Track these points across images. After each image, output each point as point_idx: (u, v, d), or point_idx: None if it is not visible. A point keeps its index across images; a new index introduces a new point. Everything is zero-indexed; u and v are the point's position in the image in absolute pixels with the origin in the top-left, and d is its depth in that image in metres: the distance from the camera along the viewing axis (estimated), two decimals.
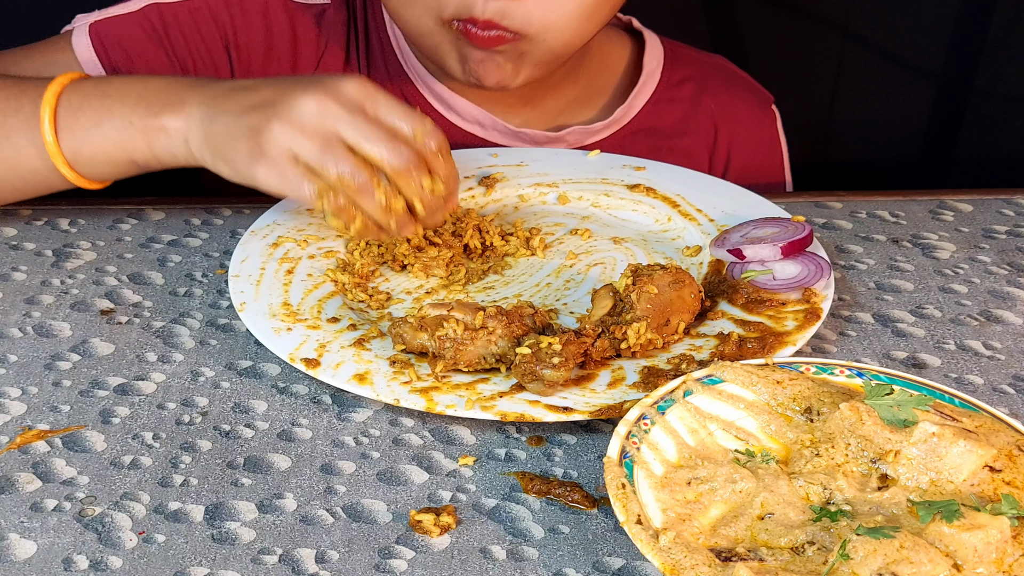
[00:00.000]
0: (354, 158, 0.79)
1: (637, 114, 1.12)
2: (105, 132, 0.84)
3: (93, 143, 0.84)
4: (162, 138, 0.83)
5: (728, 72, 1.19)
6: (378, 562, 0.63)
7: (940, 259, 0.95)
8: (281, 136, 0.78)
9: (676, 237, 0.96)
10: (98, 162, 0.85)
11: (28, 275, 0.89)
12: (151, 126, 0.83)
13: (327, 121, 0.78)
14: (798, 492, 0.63)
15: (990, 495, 0.62)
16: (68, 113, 0.84)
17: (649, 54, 1.13)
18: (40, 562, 0.62)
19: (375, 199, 0.80)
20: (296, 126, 0.78)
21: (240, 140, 0.80)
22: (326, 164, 0.78)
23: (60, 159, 0.85)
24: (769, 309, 0.82)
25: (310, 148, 0.78)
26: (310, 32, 1.06)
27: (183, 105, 0.83)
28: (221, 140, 0.81)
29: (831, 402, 0.69)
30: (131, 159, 0.85)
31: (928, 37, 1.62)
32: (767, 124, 1.18)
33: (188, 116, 0.82)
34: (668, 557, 0.58)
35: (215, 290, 0.88)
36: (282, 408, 0.75)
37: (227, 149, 0.81)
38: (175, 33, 1.02)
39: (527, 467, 0.70)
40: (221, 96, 0.82)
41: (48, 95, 0.84)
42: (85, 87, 0.85)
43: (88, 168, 0.86)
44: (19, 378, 0.77)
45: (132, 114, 0.83)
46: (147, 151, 0.84)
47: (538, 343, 0.73)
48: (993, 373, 0.80)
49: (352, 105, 0.79)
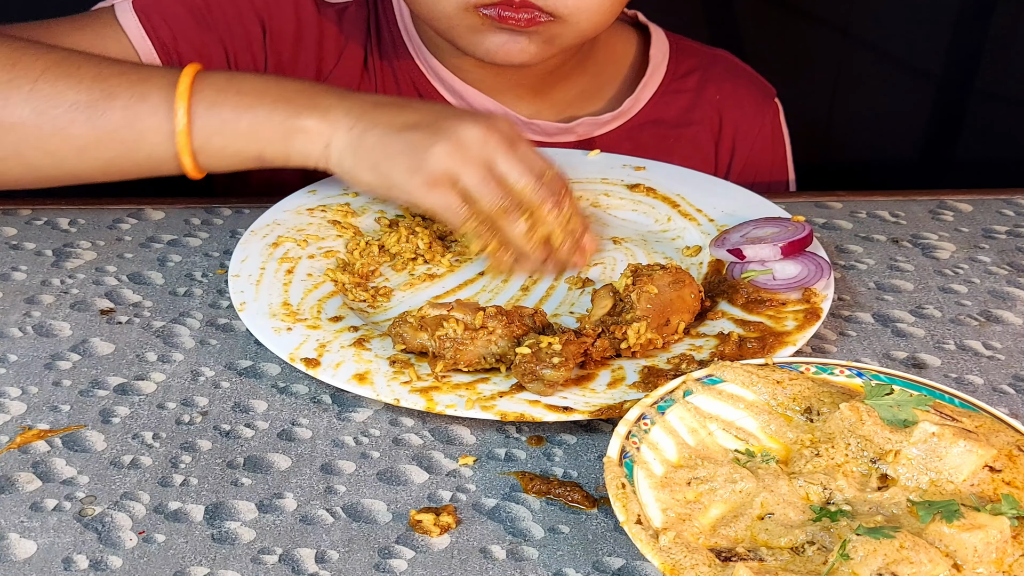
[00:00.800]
0: (504, 189, 0.84)
1: (645, 105, 1.13)
2: (242, 127, 0.86)
3: (226, 136, 0.86)
4: (300, 138, 0.86)
5: (731, 64, 1.20)
6: (378, 562, 0.63)
7: (940, 259, 0.95)
8: (445, 158, 0.83)
9: (676, 237, 0.96)
10: (225, 154, 0.87)
11: (28, 275, 0.89)
12: (291, 126, 0.85)
13: (487, 151, 0.83)
14: (798, 492, 0.63)
15: (990, 495, 0.62)
16: (204, 106, 0.85)
17: (655, 47, 1.15)
18: (40, 562, 0.62)
19: (519, 227, 0.85)
20: (460, 150, 0.83)
21: (400, 156, 0.83)
22: (485, 193, 0.83)
23: (187, 149, 0.86)
24: (769, 309, 0.82)
25: (472, 175, 0.83)
26: (333, 29, 1.08)
27: (328, 111, 0.86)
28: (375, 152, 0.84)
29: (831, 402, 0.69)
30: (260, 155, 0.87)
31: (928, 37, 1.62)
32: (770, 116, 1.19)
33: (333, 122, 0.85)
34: (668, 557, 0.58)
35: (215, 290, 0.88)
36: (282, 408, 0.75)
37: (383, 161, 0.84)
38: (217, 15, 1.03)
39: (527, 467, 0.70)
40: (370, 109, 0.86)
41: (182, 85, 0.85)
42: (217, 81, 0.87)
43: (210, 160, 0.87)
44: (19, 378, 0.77)
45: (272, 111, 0.86)
46: (281, 149, 0.86)
47: (538, 343, 0.73)
48: (993, 373, 0.80)
49: (507, 141, 0.85)
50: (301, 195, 0.97)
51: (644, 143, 1.11)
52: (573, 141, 1.11)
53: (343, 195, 0.97)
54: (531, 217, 0.85)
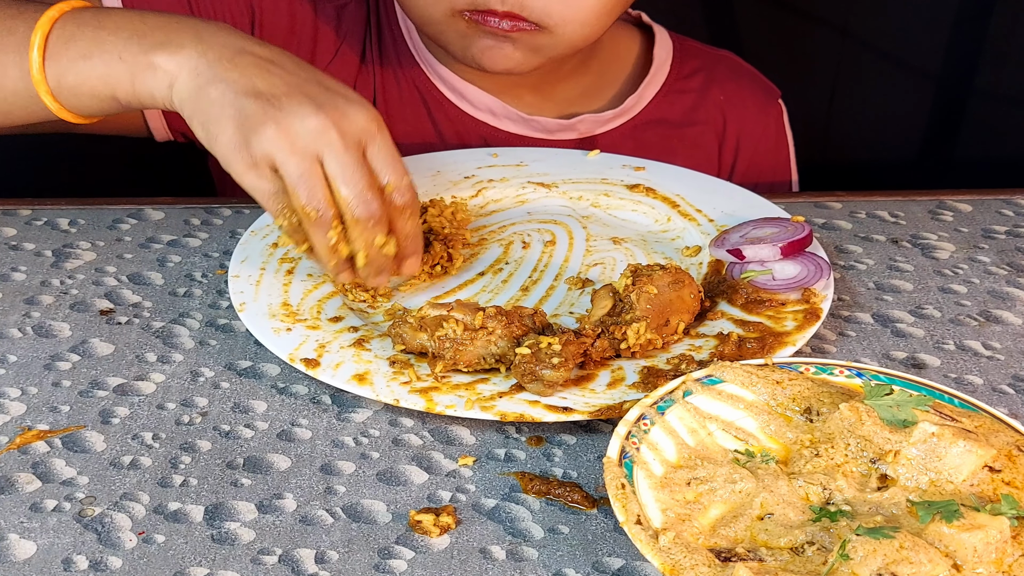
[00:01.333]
0: (325, 192, 0.77)
1: (648, 104, 1.13)
2: (92, 64, 0.81)
3: (78, 74, 0.82)
4: (147, 76, 0.79)
5: (735, 65, 1.20)
6: (378, 562, 0.63)
7: (940, 259, 0.95)
8: (270, 143, 0.75)
9: (676, 237, 0.96)
10: (81, 94, 0.83)
11: (28, 275, 0.89)
12: (140, 62, 0.80)
13: (319, 145, 0.76)
14: (798, 492, 0.63)
15: (990, 495, 0.63)
16: (60, 42, 0.82)
17: (659, 46, 1.15)
18: (40, 562, 0.62)
19: (325, 237, 0.78)
20: (288, 139, 0.75)
21: (228, 121, 0.76)
22: (299, 187, 0.76)
23: (44, 87, 0.82)
24: (769, 309, 0.82)
25: (291, 168, 0.76)
26: (330, 25, 1.07)
27: (180, 48, 0.79)
28: (209, 110, 0.77)
29: (831, 402, 0.69)
30: (113, 95, 0.82)
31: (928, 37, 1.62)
32: (773, 116, 1.19)
33: (182, 62, 0.78)
34: (668, 557, 0.58)
35: (215, 290, 0.88)
36: (282, 408, 0.75)
37: (211, 122, 0.77)
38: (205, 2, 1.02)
39: (527, 467, 0.70)
40: (226, 56, 0.79)
41: (43, 20, 0.82)
42: (83, 16, 0.83)
43: (71, 100, 0.83)
44: (19, 378, 0.77)
45: (124, 48, 0.80)
46: (129, 88, 0.81)
47: (538, 343, 0.73)
48: (992, 373, 0.80)
49: (351, 139, 0.77)
50: None
51: (647, 142, 1.11)
52: (575, 139, 1.11)
53: None
54: (342, 229, 0.78)
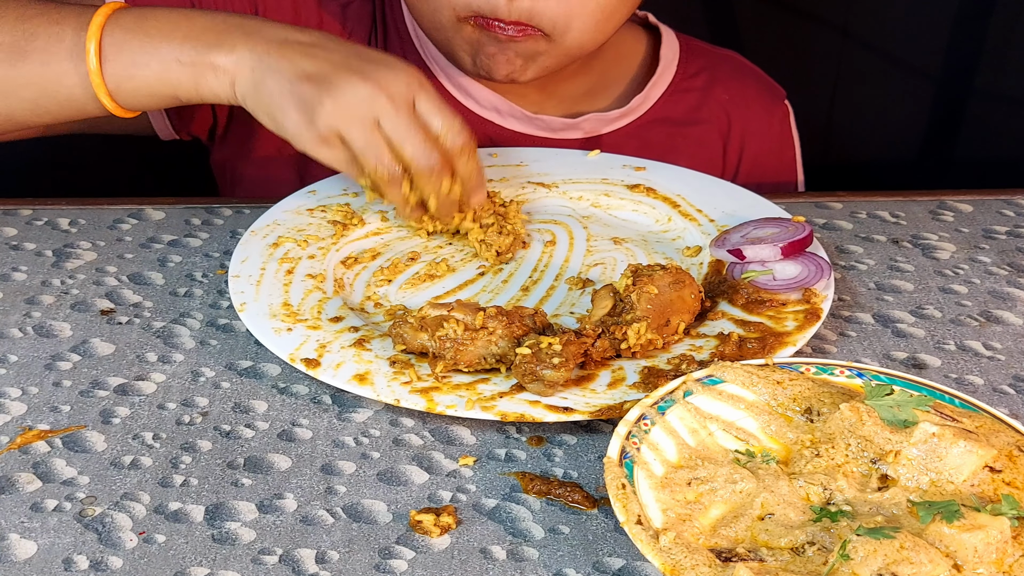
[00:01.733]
0: (389, 153, 0.84)
1: (654, 104, 1.13)
2: (152, 69, 0.85)
3: (137, 78, 0.86)
4: (209, 77, 0.85)
5: (739, 64, 1.21)
6: (378, 562, 0.63)
7: (940, 259, 0.95)
8: (331, 117, 0.82)
9: (676, 237, 0.96)
10: (141, 95, 0.87)
11: (28, 275, 0.89)
12: (199, 65, 0.85)
13: (374, 111, 0.83)
14: (798, 492, 0.63)
15: (990, 495, 0.63)
16: (113, 49, 0.85)
17: (666, 47, 1.15)
18: (40, 562, 0.62)
19: (400, 191, 0.86)
20: (346, 111, 0.82)
21: (290, 108, 0.83)
22: (367, 154, 0.83)
23: (103, 90, 0.86)
24: (769, 309, 0.82)
25: (356, 135, 0.83)
26: (334, 22, 1.08)
27: (233, 48, 0.85)
28: (271, 100, 0.84)
29: (831, 402, 0.69)
30: (174, 95, 0.87)
31: (928, 37, 1.62)
32: (778, 117, 1.19)
33: (238, 60, 0.84)
34: (668, 557, 0.58)
35: (215, 290, 0.88)
36: (282, 408, 0.75)
37: (276, 111, 0.84)
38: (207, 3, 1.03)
39: (527, 467, 0.70)
40: (274, 49, 0.84)
41: (92, 27, 0.85)
42: (126, 21, 0.86)
43: (129, 100, 0.88)
44: (19, 378, 0.77)
45: (180, 52, 0.85)
46: (192, 88, 0.86)
47: (538, 343, 0.73)
48: (993, 373, 0.80)
49: (400, 100, 0.83)
50: (301, 195, 0.97)
51: (651, 141, 1.11)
52: (579, 138, 1.11)
53: (343, 195, 0.98)
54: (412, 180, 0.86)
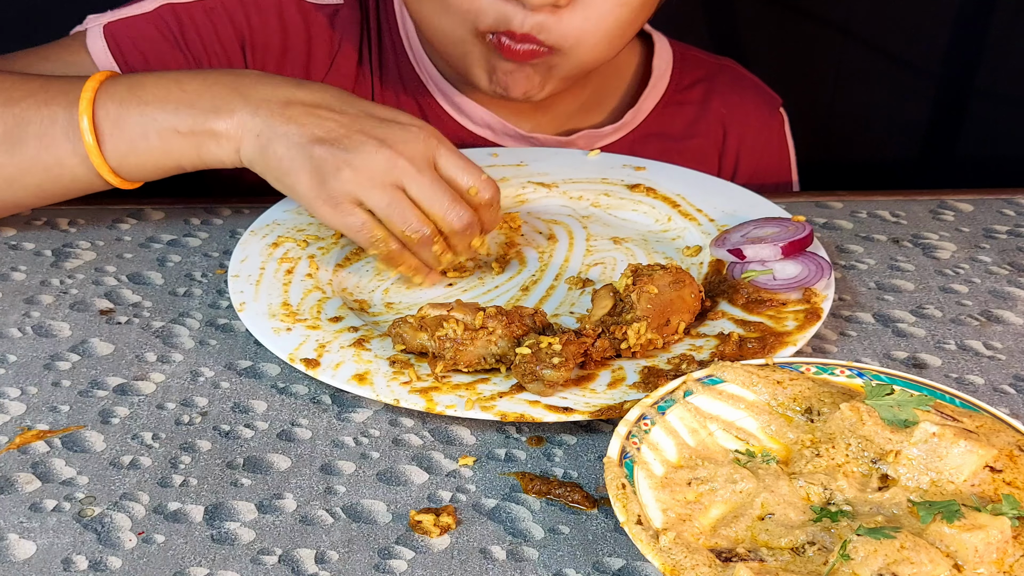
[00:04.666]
0: (418, 212, 0.81)
1: (646, 117, 1.12)
2: (151, 142, 0.83)
3: (139, 153, 0.84)
4: (211, 145, 0.83)
5: (737, 74, 1.19)
6: (378, 562, 0.62)
7: (940, 259, 0.95)
8: (350, 184, 0.80)
9: (676, 237, 0.96)
10: (145, 168, 0.85)
11: (27, 275, 0.89)
12: (199, 134, 0.83)
13: (395, 175, 0.80)
14: (798, 492, 0.63)
15: (991, 495, 0.62)
16: (108, 124, 0.83)
17: (658, 57, 1.14)
18: (39, 562, 0.62)
19: (431, 252, 0.83)
20: (366, 177, 0.79)
21: (303, 172, 0.80)
22: (393, 218, 0.81)
23: (105, 168, 0.84)
24: (769, 309, 0.82)
25: (379, 200, 0.80)
26: (324, 32, 1.05)
27: (232, 113, 0.82)
28: (279, 165, 0.81)
29: (831, 402, 0.69)
30: (178, 165, 0.85)
31: (928, 37, 1.62)
32: (775, 127, 1.18)
33: (240, 126, 0.82)
34: (668, 557, 0.58)
35: (215, 290, 0.88)
36: (282, 408, 0.75)
37: (286, 175, 0.81)
38: (191, 34, 1.01)
39: (527, 467, 0.70)
40: (278, 111, 0.82)
41: (83, 104, 0.83)
42: (118, 91, 0.84)
43: (134, 173, 0.86)
44: (18, 378, 0.77)
45: (177, 122, 0.83)
46: (195, 158, 0.84)
47: (538, 343, 0.73)
48: (993, 373, 0.80)
49: (420, 162, 0.81)
50: None
51: (646, 156, 1.09)
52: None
53: None
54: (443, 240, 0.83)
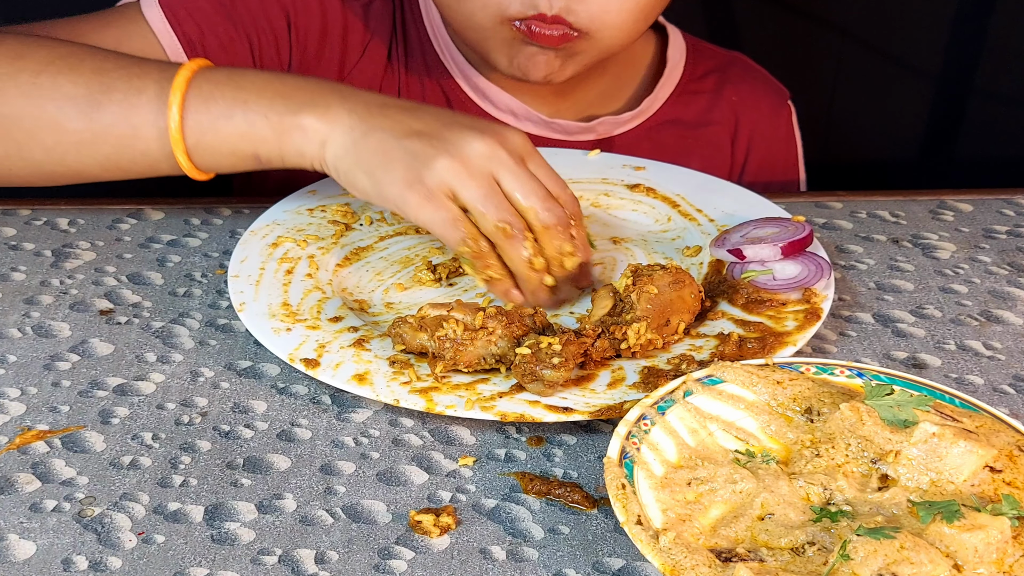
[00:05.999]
0: (511, 206, 0.79)
1: (663, 105, 1.14)
2: (235, 123, 0.82)
3: (220, 132, 0.83)
4: (296, 136, 0.82)
5: (747, 66, 1.22)
6: (378, 562, 0.62)
7: (940, 259, 0.95)
8: (446, 171, 0.77)
9: (676, 237, 0.96)
10: (219, 152, 0.84)
11: (27, 275, 0.89)
12: (287, 123, 0.82)
13: (492, 166, 0.78)
14: (798, 492, 0.63)
15: (990, 495, 0.62)
16: (199, 101, 0.82)
17: (672, 47, 1.16)
18: (39, 563, 0.62)
19: (520, 251, 0.79)
20: (464, 165, 0.78)
21: (398, 162, 0.79)
22: (488, 209, 0.78)
23: (181, 146, 0.83)
24: (769, 309, 0.82)
25: (474, 190, 0.78)
26: (358, 23, 1.07)
27: (328, 108, 0.82)
28: (373, 156, 0.80)
29: (831, 402, 0.69)
30: (255, 153, 0.84)
31: (927, 37, 1.62)
32: (784, 118, 1.21)
33: (333, 121, 0.81)
34: (668, 558, 0.58)
35: (214, 290, 0.88)
36: (282, 408, 0.75)
37: (378, 167, 0.79)
38: (242, 9, 1.02)
39: (527, 467, 0.70)
40: (375, 111, 0.81)
41: (178, 81, 0.82)
42: (217, 76, 0.84)
43: (206, 158, 0.84)
44: (18, 378, 0.77)
45: (269, 109, 0.82)
46: (275, 147, 0.83)
47: (538, 343, 0.73)
48: (993, 373, 0.80)
49: (517, 156, 0.80)
50: (301, 195, 0.97)
51: (663, 143, 1.12)
52: (593, 140, 1.12)
53: (343, 195, 0.97)
54: (536, 241, 0.80)
